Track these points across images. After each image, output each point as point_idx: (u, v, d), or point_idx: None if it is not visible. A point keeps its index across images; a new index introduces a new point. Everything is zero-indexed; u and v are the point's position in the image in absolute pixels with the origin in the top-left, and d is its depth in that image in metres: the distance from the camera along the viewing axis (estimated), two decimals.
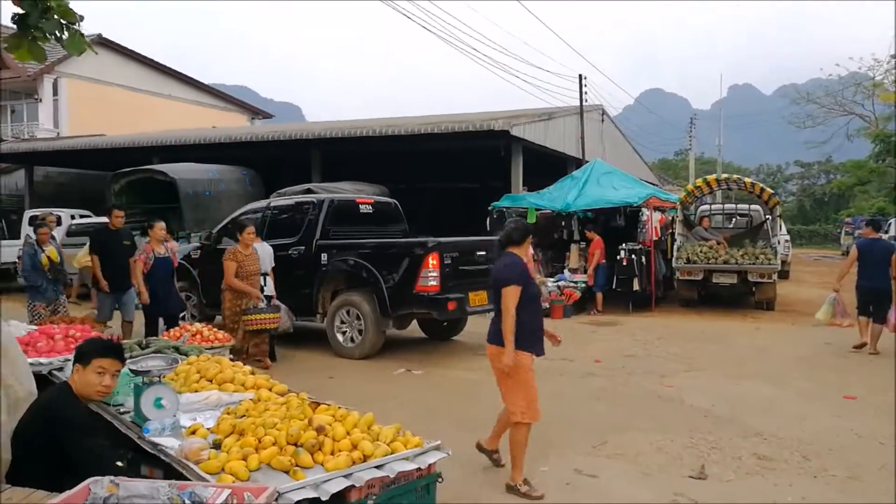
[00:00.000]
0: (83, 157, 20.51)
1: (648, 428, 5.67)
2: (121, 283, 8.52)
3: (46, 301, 8.70)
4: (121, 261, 8.46)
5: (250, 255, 7.87)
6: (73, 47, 5.08)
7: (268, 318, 7.65)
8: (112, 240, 8.60)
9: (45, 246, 8.77)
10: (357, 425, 3.69)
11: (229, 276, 7.71)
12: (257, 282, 7.92)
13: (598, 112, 20.97)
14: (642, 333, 10.41)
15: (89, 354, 3.34)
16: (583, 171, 14.74)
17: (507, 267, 4.52)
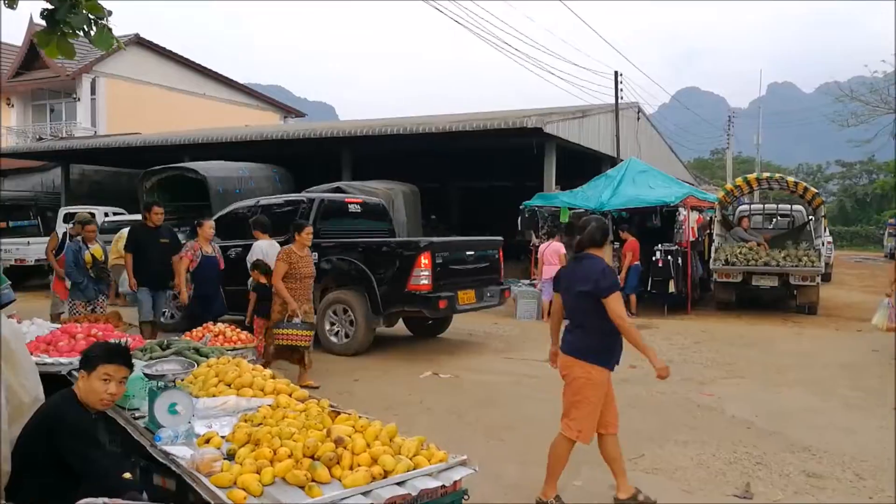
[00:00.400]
0: (118, 155, 20.72)
1: (688, 440, 5.38)
2: (158, 282, 8.25)
3: (86, 299, 8.53)
4: (158, 259, 8.13)
5: (305, 258, 7.16)
6: (100, 43, 4.98)
7: (300, 335, 6.95)
8: (149, 238, 8.28)
9: (90, 244, 8.62)
10: (378, 437, 3.47)
11: (277, 277, 7.03)
12: (309, 287, 7.26)
13: (633, 109, 20.54)
14: (678, 337, 10.05)
15: (95, 360, 3.18)
16: (617, 169, 14.38)
17: (603, 273, 4.08)
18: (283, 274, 6.99)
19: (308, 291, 7.19)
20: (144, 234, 8.33)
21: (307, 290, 7.18)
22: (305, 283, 7.14)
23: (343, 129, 17.01)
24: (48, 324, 6.76)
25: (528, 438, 5.41)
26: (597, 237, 4.24)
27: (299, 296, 7.01)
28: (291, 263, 6.97)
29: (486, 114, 18.36)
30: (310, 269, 7.24)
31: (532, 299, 12.10)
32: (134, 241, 8.34)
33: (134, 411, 4.25)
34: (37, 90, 28.53)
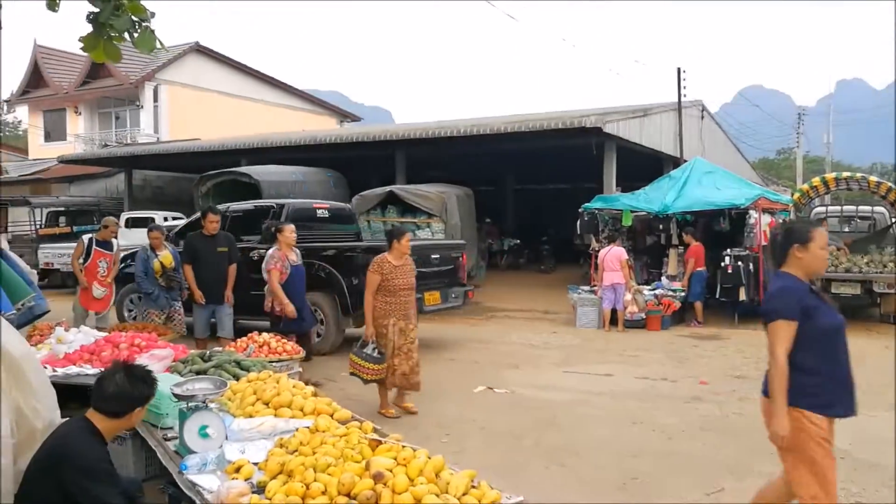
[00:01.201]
0: (178, 160, 21.01)
1: (773, 472, 4.77)
2: (217, 295, 7.85)
3: (159, 308, 8.19)
4: (216, 269, 7.80)
5: (402, 267, 6.16)
6: (143, 44, 4.78)
7: (365, 368, 6.01)
8: (206, 246, 7.85)
9: (158, 251, 8.26)
10: (423, 472, 3.07)
11: (368, 290, 6.08)
12: (408, 302, 6.20)
13: (697, 108, 19.67)
14: (752, 349, 9.35)
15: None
16: (682, 170, 13.66)
17: (771, 295, 3.34)
18: (375, 287, 6.03)
19: (406, 307, 6.14)
20: (201, 242, 7.91)
21: (404, 305, 6.13)
22: (402, 296, 6.11)
23: (396, 132, 16.76)
24: (94, 332, 6.61)
25: (594, 465, 4.93)
26: (776, 253, 3.42)
27: (394, 311, 6.05)
28: (384, 274, 6.02)
29: (542, 114, 17.85)
30: (408, 280, 6.18)
31: (592, 307, 11.54)
32: (192, 250, 7.92)
33: (167, 430, 3.99)
34: (102, 98, 29.32)
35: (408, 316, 6.17)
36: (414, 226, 12.63)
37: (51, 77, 29.56)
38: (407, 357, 6.06)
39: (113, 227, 9.09)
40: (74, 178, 23.76)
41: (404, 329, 6.11)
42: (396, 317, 6.07)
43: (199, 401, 3.62)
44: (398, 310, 6.09)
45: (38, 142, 31.02)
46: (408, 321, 6.16)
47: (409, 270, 6.23)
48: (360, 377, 6.06)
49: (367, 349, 6.02)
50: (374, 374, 6.02)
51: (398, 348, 6.04)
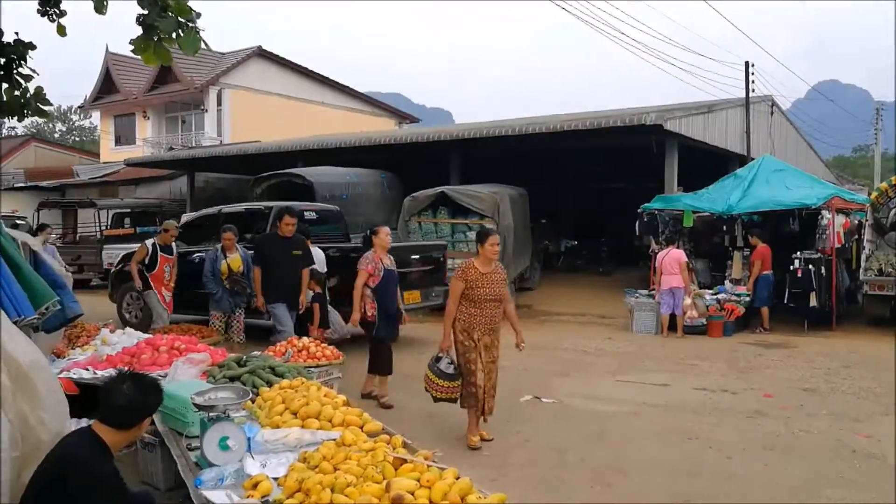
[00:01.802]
0: (238, 163, 21.34)
1: (845, 497, 4.37)
2: (293, 300, 7.55)
3: (221, 311, 8.02)
4: (292, 274, 7.53)
5: (490, 276, 5.41)
6: (188, 46, 4.76)
7: (439, 385, 5.41)
8: (281, 249, 7.51)
9: (229, 253, 8.04)
10: (447, 496, 2.85)
11: (450, 299, 5.47)
12: (494, 315, 5.48)
13: (766, 104, 18.76)
14: (822, 360, 8.76)
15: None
16: (749, 168, 13.02)
17: None
18: (458, 295, 5.41)
19: (492, 321, 5.45)
20: (276, 245, 7.57)
21: (490, 318, 5.42)
22: (487, 308, 5.40)
23: (450, 132, 16.57)
24: (138, 333, 6.65)
25: (643, 486, 4.60)
26: None
27: (478, 325, 5.38)
28: (468, 282, 5.35)
29: (601, 112, 17.35)
30: (495, 290, 5.42)
31: (650, 312, 11.07)
32: (264, 253, 7.59)
33: (192, 440, 3.88)
34: (169, 103, 30.15)
35: (493, 330, 5.49)
36: (465, 227, 12.40)
37: (121, 83, 30.57)
38: (487, 377, 5.40)
39: (173, 230, 9.07)
40: (140, 180, 24.46)
41: (489, 345, 5.44)
42: (481, 331, 5.38)
43: (220, 411, 3.48)
44: (483, 323, 5.39)
45: (109, 146, 32.13)
46: (493, 336, 5.49)
47: (498, 280, 5.46)
48: (431, 394, 5.48)
49: (441, 364, 5.41)
50: (445, 393, 5.39)
51: (486, 370, 5.41)
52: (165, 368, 5.38)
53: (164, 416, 4.17)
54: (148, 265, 8.76)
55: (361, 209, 14.46)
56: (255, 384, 4.70)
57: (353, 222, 14.19)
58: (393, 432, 3.86)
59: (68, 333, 6.77)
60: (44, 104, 5.56)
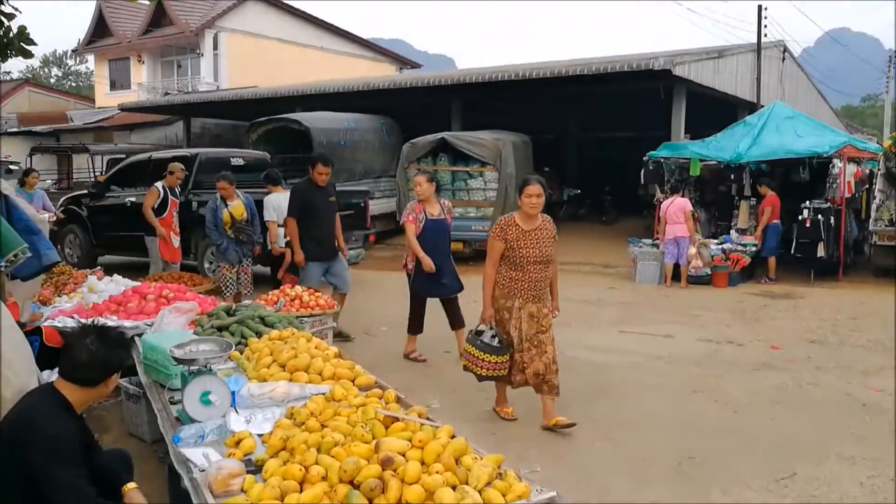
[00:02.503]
0: (235, 108, 20.90)
1: (855, 455, 4.21)
2: (331, 250, 7.11)
3: (229, 262, 7.64)
4: (330, 222, 7.07)
5: (534, 233, 4.66)
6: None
7: (483, 361, 4.69)
8: (318, 198, 6.94)
9: (229, 201, 7.62)
10: (441, 457, 2.65)
11: (487, 261, 4.78)
12: (543, 278, 4.73)
13: (778, 49, 18.19)
14: (829, 311, 8.57)
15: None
16: (759, 115, 12.63)
17: None
18: (496, 257, 4.71)
19: (538, 286, 4.69)
20: (313, 194, 6.94)
21: (535, 283, 4.67)
22: (532, 271, 4.64)
23: (452, 77, 16.14)
24: (126, 281, 6.45)
25: (647, 441, 4.44)
26: None
27: (520, 291, 4.67)
28: (508, 241, 4.63)
29: (608, 57, 16.84)
30: (541, 250, 4.65)
31: (654, 261, 10.86)
32: (301, 203, 6.92)
33: (175, 393, 3.69)
34: (165, 47, 29.45)
35: (539, 297, 4.71)
36: (466, 175, 12.09)
37: (115, 26, 29.84)
38: (539, 351, 4.64)
39: (179, 172, 8.67)
40: (135, 126, 24.03)
41: (535, 314, 4.68)
42: (524, 297, 4.67)
43: (201, 365, 3.28)
44: (526, 289, 4.67)
45: (104, 91, 31.56)
46: (540, 303, 4.71)
47: (544, 238, 4.67)
48: (473, 372, 4.78)
49: (485, 336, 4.72)
50: (491, 370, 4.69)
51: (528, 339, 4.67)
52: (153, 317, 5.17)
53: (147, 367, 3.98)
54: (157, 209, 8.39)
55: (360, 156, 14.17)
56: (244, 334, 4.50)
57: (352, 169, 13.93)
58: (386, 386, 3.67)
59: (55, 280, 6.59)
60: (27, 44, 5.23)
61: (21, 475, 2.31)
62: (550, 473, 3.88)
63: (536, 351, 4.65)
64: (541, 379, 4.64)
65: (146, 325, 5.05)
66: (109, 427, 4.63)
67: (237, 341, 4.36)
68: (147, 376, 3.97)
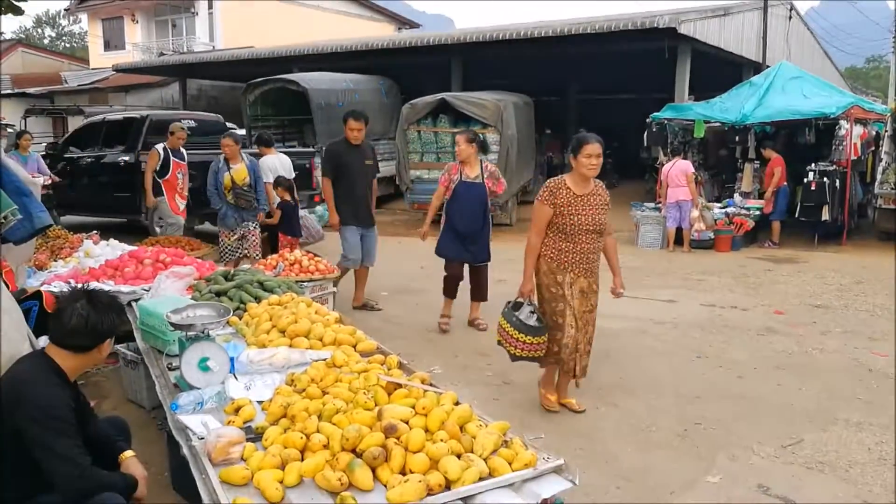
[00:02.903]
0: (231, 69, 20.53)
1: (862, 421, 4.17)
2: (365, 215, 6.63)
3: (227, 228, 7.30)
4: (364, 185, 6.57)
5: (587, 198, 4.15)
6: None
7: (524, 342, 4.16)
8: (353, 159, 6.46)
9: (232, 163, 7.21)
10: (445, 424, 2.59)
11: (532, 230, 4.24)
12: (595, 249, 4.23)
13: (785, 6, 17.81)
14: (834, 275, 8.50)
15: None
16: (765, 75, 12.39)
17: None
18: (543, 224, 4.18)
19: (589, 259, 4.19)
20: (347, 154, 6.47)
21: (587, 255, 4.17)
22: (584, 242, 4.14)
23: (452, 36, 15.80)
24: (122, 245, 6.35)
25: (651, 408, 4.40)
26: None
27: (571, 263, 4.15)
28: (558, 206, 4.11)
29: (611, 16, 16.48)
30: (595, 217, 4.15)
31: (656, 225, 10.76)
32: (334, 163, 6.50)
33: (173, 359, 3.62)
34: (159, 5, 28.80)
35: (591, 271, 4.21)
36: None
37: None
38: (583, 330, 4.23)
39: (180, 132, 8.48)
40: (130, 87, 23.63)
41: (586, 290, 4.20)
42: (575, 271, 4.16)
43: (198, 330, 3.20)
44: (578, 261, 4.15)
45: (98, 51, 30.98)
46: (591, 278, 4.22)
47: (597, 204, 4.17)
48: (507, 350, 4.28)
49: (522, 313, 4.20)
50: (526, 350, 4.17)
51: (578, 317, 4.19)
52: (150, 282, 5.09)
53: (144, 333, 3.91)
54: (160, 171, 8.25)
55: None
56: (243, 299, 4.42)
57: None
58: (388, 351, 3.61)
59: (50, 245, 6.50)
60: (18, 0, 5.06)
61: (14, 443, 2.24)
62: (554, 439, 3.84)
63: (581, 330, 4.23)
64: (578, 357, 4.24)
65: (143, 290, 4.97)
66: (108, 394, 4.58)
67: (236, 306, 4.29)
68: (144, 342, 3.91)
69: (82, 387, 3.25)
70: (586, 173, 4.11)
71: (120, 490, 2.35)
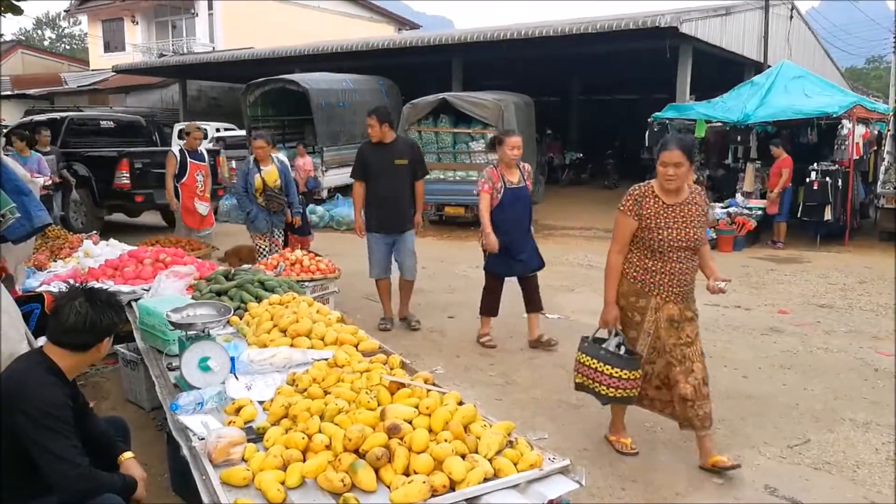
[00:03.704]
0: (231, 70, 20.52)
1: (869, 421, 4.12)
2: (396, 221, 5.98)
3: (259, 232, 6.96)
4: (394, 187, 5.91)
5: (678, 208, 3.47)
6: None
7: (615, 378, 3.52)
8: (380, 158, 5.90)
9: (263, 165, 6.85)
10: (449, 424, 2.55)
11: (613, 248, 3.62)
12: (689, 269, 3.52)
13: (786, 6, 17.77)
14: (837, 275, 8.46)
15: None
16: (767, 75, 12.35)
17: None
18: (626, 240, 3.55)
19: (682, 280, 3.48)
20: (373, 153, 5.95)
21: (679, 276, 3.47)
22: (674, 260, 3.46)
23: (453, 37, 15.75)
24: (122, 245, 6.32)
25: None
26: None
27: (658, 286, 3.49)
28: (643, 218, 3.48)
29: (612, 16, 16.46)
30: (689, 232, 3.45)
31: None
32: (361, 164, 5.99)
33: (173, 359, 3.58)
34: (159, 7, 28.80)
35: (682, 296, 3.49)
36: (468, 136, 11.86)
37: None
38: (684, 369, 3.48)
39: (196, 133, 8.12)
40: (130, 88, 23.63)
41: (677, 318, 3.49)
42: (662, 296, 3.49)
43: (199, 329, 3.16)
44: (666, 284, 3.48)
45: (98, 52, 30.98)
46: (682, 305, 3.50)
47: (692, 214, 3.46)
48: (594, 391, 3.62)
49: (609, 344, 3.60)
50: (622, 388, 3.51)
51: (668, 352, 3.51)
52: (150, 282, 5.06)
53: (144, 333, 3.87)
54: (177, 174, 7.90)
55: (359, 117, 13.86)
56: (244, 299, 4.39)
57: (350, 131, 13.70)
58: (390, 351, 3.57)
59: (50, 245, 6.46)
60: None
61: (12, 443, 2.20)
62: (558, 440, 3.80)
63: (680, 369, 3.47)
64: (689, 407, 3.47)
65: (143, 289, 4.94)
66: (107, 394, 4.54)
67: (236, 306, 4.25)
68: (144, 342, 3.87)
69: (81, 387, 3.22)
70: (664, 185, 3.45)
71: (118, 491, 2.32)
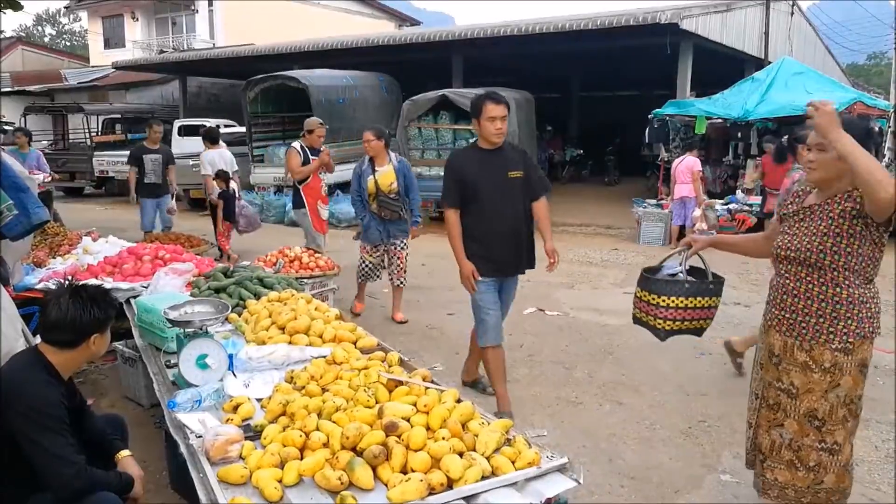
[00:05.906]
0: (232, 67, 20.46)
1: (867, 418, 4.07)
2: (506, 253, 4.18)
3: (370, 243, 6.11)
4: (501, 207, 4.08)
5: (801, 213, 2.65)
6: None
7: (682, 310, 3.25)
8: (484, 166, 4.04)
9: (378, 165, 5.96)
10: (447, 422, 2.54)
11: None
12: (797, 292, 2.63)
13: (787, 2, 17.72)
14: None
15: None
16: (767, 71, 12.33)
17: None
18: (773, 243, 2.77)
19: (786, 300, 2.66)
20: (476, 162, 4.09)
21: (785, 295, 2.66)
22: (783, 273, 2.69)
23: (453, 33, 15.74)
24: (121, 242, 6.31)
25: (655, 405, 4.35)
26: None
27: (767, 304, 2.80)
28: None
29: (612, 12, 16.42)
30: (801, 242, 2.59)
31: (659, 222, 10.70)
32: (458, 183, 4.08)
33: (171, 356, 3.58)
34: (158, 3, 28.76)
35: (790, 324, 2.63)
36: (468, 133, 11.83)
37: None
38: (772, 418, 2.70)
39: (319, 129, 6.90)
40: (130, 85, 23.59)
41: (777, 353, 2.68)
42: (766, 317, 2.81)
43: (197, 327, 3.15)
44: (770, 302, 2.77)
45: (99, 49, 30.92)
46: (790, 337, 2.62)
47: (820, 217, 2.56)
48: (650, 325, 3.27)
49: (666, 269, 3.29)
50: (676, 321, 3.19)
51: (762, 397, 2.76)
52: (148, 279, 5.06)
53: (143, 330, 3.87)
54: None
55: (359, 114, 13.88)
56: (242, 296, 4.38)
57: (350, 128, 13.67)
58: (389, 348, 3.57)
59: (49, 242, 6.46)
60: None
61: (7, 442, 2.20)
62: (557, 437, 3.80)
63: (768, 414, 2.71)
64: (758, 461, 2.77)
65: (142, 286, 4.94)
66: (105, 391, 4.54)
67: (235, 303, 4.25)
68: (142, 339, 3.87)
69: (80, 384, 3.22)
70: (812, 176, 2.60)
71: (115, 489, 2.31)
